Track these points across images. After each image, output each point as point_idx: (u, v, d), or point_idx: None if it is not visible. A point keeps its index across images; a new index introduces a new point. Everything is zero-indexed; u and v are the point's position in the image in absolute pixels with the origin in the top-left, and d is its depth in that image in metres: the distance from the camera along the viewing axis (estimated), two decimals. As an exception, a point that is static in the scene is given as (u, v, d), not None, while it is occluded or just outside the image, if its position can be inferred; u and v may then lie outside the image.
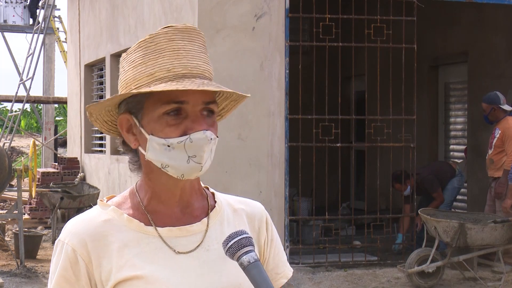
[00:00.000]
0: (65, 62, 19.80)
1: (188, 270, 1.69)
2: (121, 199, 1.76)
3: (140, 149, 1.71)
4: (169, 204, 1.73)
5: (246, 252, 1.58)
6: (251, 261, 1.57)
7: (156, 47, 1.68)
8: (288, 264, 1.90)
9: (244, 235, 1.60)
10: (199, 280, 1.69)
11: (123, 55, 1.75)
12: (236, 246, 1.59)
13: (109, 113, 1.76)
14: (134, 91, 1.66)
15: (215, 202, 1.81)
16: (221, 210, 1.80)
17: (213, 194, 1.83)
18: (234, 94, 1.75)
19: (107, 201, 1.76)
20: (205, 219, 1.76)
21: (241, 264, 1.58)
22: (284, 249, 8.55)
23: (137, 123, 1.69)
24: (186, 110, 1.66)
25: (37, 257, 10.15)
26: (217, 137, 1.70)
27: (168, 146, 1.65)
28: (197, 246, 1.72)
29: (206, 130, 1.65)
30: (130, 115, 1.71)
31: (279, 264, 1.85)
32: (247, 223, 1.81)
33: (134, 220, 1.71)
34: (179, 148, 1.65)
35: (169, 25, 1.72)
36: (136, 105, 1.69)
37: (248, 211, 1.85)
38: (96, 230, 1.69)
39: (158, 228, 1.70)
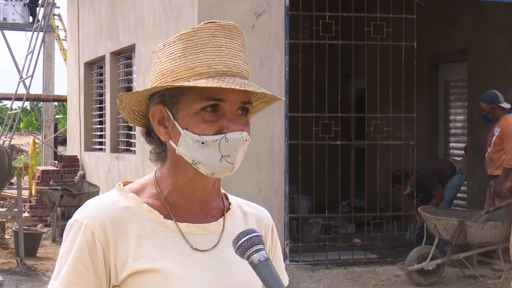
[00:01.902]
0: (65, 60, 19.81)
1: (204, 268, 1.68)
2: (139, 187, 1.74)
3: (171, 142, 1.68)
4: (190, 200, 1.72)
5: (257, 251, 1.56)
6: (262, 260, 1.56)
7: (198, 42, 1.66)
8: (285, 272, 1.91)
9: (255, 234, 1.59)
10: (214, 280, 1.68)
11: (159, 45, 1.73)
12: (247, 244, 1.57)
13: (138, 102, 1.74)
14: (174, 83, 1.64)
15: (229, 203, 1.81)
16: (235, 212, 1.80)
17: (225, 195, 1.83)
18: (267, 96, 1.74)
19: (123, 186, 1.74)
20: (221, 220, 1.76)
21: (251, 263, 1.56)
22: (284, 247, 8.58)
23: (171, 116, 1.67)
24: (224, 108, 1.64)
25: (37, 255, 10.16)
26: (250, 138, 1.69)
27: (202, 143, 1.63)
28: (214, 246, 1.71)
29: (242, 131, 1.64)
30: (163, 107, 1.69)
31: (279, 271, 1.85)
32: (256, 227, 1.81)
33: (154, 211, 1.69)
34: (213, 146, 1.63)
35: (212, 20, 1.70)
36: (171, 98, 1.67)
37: (257, 216, 1.85)
38: (117, 215, 1.66)
39: (178, 223, 1.69)
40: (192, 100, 1.64)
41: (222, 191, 1.83)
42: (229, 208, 1.79)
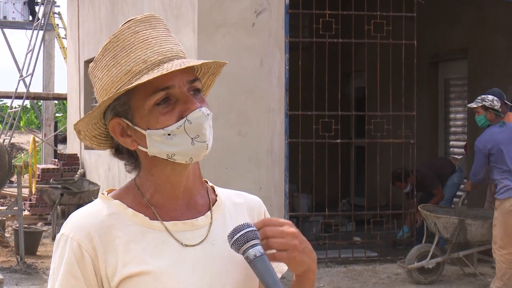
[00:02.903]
0: (65, 58, 19.81)
1: (195, 263, 1.67)
2: (122, 193, 1.73)
3: (140, 148, 1.68)
4: (174, 197, 1.71)
5: (252, 246, 1.56)
6: (257, 255, 1.55)
7: (124, 44, 1.65)
8: None
9: (250, 228, 1.58)
10: (206, 274, 1.67)
11: (91, 65, 1.72)
12: (242, 239, 1.56)
13: (95, 126, 1.72)
14: (119, 91, 1.63)
15: (216, 195, 1.80)
16: (223, 204, 1.78)
17: (212, 187, 1.82)
18: (212, 68, 1.72)
19: (107, 195, 1.73)
20: (208, 213, 1.74)
21: (247, 258, 1.56)
22: (284, 245, 8.59)
23: (130, 124, 1.66)
24: (174, 94, 1.63)
25: (37, 253, 10.16)
26: (211, 112, 1.68)
27: (169, 134, 1.62)
28: (203, 240, 1.70)
29: (201, 107, 1.63)
30: (119, 118, 1.67)
31: None
32: (247, 217, 1.80)
33: (139, 214, 1.68)
34: (180, 133, 1.62)
35: (128, 19, 1.69)
36: (122, 106, 1.66)
37: (248, 205, 1.83)
38: (102, 224, 1.66)
39: (164, 222, 1.68)
40: (142, 100, 1.63)
41: (210, 184, 1.82)
42: (216, 200, 1.78)
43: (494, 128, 7.36)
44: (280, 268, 1.83)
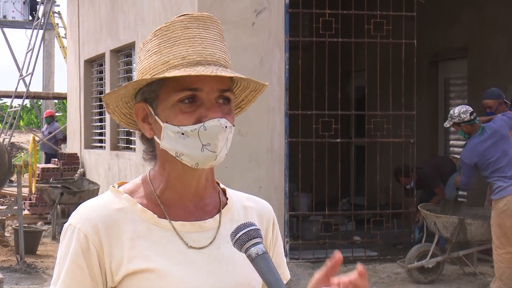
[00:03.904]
0: (64, 57, 19.81)
1: (200, 266, 1.67)
2: (133, 187, 1.73)
3: (155, 138, 1.69)
4: (184, 196, 1.71)
5: (254, 244, 1.55)
6: (259, 253, 1.54)
7: (171, 35, 1.66)
8: (287, 267, 1.89)
9: (253, 227, 1.57)
10: (210, 277, 1.67)
11: (140, 45, 1.74)
12: (245, 237, 1.56)
13: (126, 104, 1.74)
14: (145, 77, 1.65)
15: (227, 198, 1.79)
16: (233, 208, 1.78)
17: (224, 190, 1.81)
18: (252, 83, 1.72)
19: (118, 187, 1.74)
20: (217, 216, 1.74)
21: (249, 256, 1.55)
22: (284, 245, 8.58)
23: (152, 112, 1.68)
24: (201, 98, 1.63)
25: (37, 252, 10.16)
26: (233, 125, 1.68)
27: (182, 134, 1.63)
28: (210, 243, 1.70)
29: (221, 118, 1.64)
30: (145, 104, 1.69)
31: (280, 265, 1.84)
32: (257, 221, 1.79)
33: (147, 211, 1.68)
34: (193, 136, 1.63)
35: (185, 13, 1.69)
36: (151, 93, 1.67)
37: (258, 210, 1.83)
38: (110, 217, 1.66)
39: (173, 222, 1.68)
40: (169, 93, 1.64)
41: (222, 186, 1.81)
42: (226, 204, 1.77)
43: (474, 139, 7.36)
44: (284, 276, 1.83)
